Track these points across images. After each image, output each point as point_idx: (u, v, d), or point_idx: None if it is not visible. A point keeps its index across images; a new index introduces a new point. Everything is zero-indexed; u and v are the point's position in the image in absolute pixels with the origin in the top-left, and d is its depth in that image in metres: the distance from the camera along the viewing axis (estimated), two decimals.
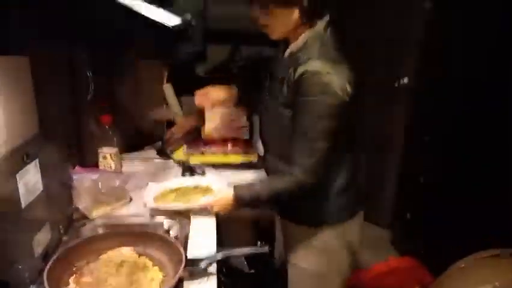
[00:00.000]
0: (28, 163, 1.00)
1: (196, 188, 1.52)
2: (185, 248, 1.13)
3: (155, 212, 1.38)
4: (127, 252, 1.13)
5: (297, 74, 1.12)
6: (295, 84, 1.13)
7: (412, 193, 2.55)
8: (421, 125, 2.47)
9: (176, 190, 1.52)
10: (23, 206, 0.96)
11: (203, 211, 1.35)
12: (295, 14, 1.13)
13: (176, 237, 1.24)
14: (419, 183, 2.43)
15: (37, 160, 1.05)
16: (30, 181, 1.00)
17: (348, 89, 1.11)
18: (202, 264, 1.03)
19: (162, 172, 1.75)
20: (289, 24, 1.16)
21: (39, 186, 1.05)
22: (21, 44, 0.97)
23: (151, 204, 1.41)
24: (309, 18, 1.15)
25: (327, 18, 1.18)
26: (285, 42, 1.24)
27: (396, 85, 2.71)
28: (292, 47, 1.20)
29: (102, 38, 1.54)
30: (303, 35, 1.18)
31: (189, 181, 1.59)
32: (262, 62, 1.61)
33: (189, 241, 1.22)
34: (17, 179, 0.94)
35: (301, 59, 1.14)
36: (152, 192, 1.49)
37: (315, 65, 1.10)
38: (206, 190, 1.49)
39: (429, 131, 2.37)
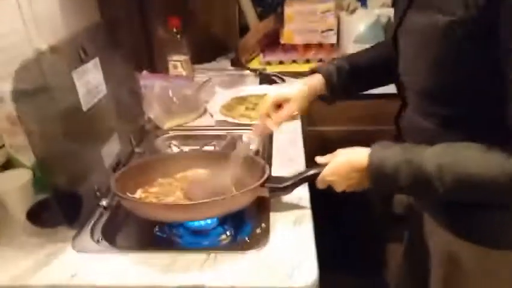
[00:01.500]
0: (87, 61, 0.84)
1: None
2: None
3: (222, 123, 1.21)
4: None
5: None
6: None
7: None
8: None
9: (248, 100, 1.33)
10: (84, 108, 0.82)
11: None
12: None
13: (257, 153, 1.06)
14: None
15: (97, 59, 0.88)
16: (90, 82, 0.85)
17: None
18: (289, 182, 0.82)
19: (237, 83, 1.54)
20: None
21: (102, 89, 0.90)
22: None
23: (219, 116, 1.23)
24: None
25: None
26: None
27: None
28: None
29: None
30: None
31: (264, 89, 1.39)
32: None
33: (273, 158, 1.03)
34: (74, 77, 0.79)
35: None
36: (222, 101, 1.31)
37: None
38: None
39: None
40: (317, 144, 1.25)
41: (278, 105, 0.87)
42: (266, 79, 1.52)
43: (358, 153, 0.71)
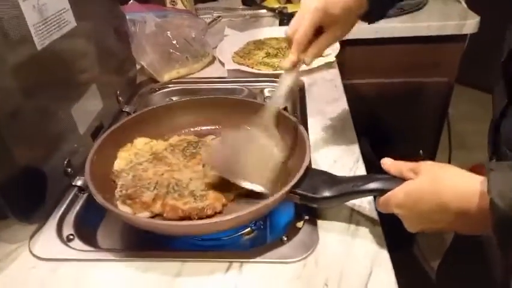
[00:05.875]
0: None
1: None
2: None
3: (236, 74, 0.94)
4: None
5: None
6: None
7: None
8: None
9: (267, 44, 1.05)
10: (38, 46, 0.55)
11: None
12: None
13: (285, 109, 0.80)
14: None
15: None
16: (46, 6, 0.57)
17: None
18: (330, 192, 0.52)
19: (252, 25, 1.24)
20: None
21: (69, 20, 0.62)
22: None
23: (232, 64, 0.96)
24: None
25: None
26: None
27: None
28: None
29: None
30: None
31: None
32: None
33: (308, 117, 0.76)
34: None
35: None
36: (235, 46, 1.04)
37: None
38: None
39: None
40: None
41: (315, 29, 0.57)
42: (289, 20, 1.21)
43: (457, 184, 0.42)
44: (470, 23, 1.18)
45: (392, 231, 0.55)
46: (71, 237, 0.54)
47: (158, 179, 0.59)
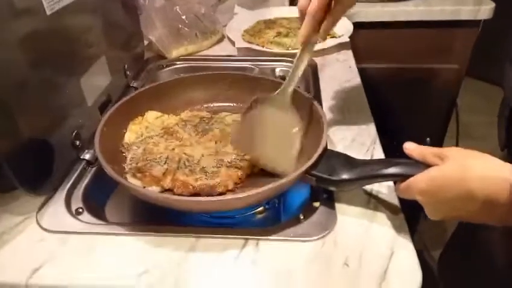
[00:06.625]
0: None
1: None
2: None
3: (246, 52, 0.92)
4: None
5: None
6: None
7: None
8: None
9: (278, 23, 1.02)
10: (47, 11, 0.52)
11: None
12: None
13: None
14: None
15: None
16: None
17: None
18: (348, 175, 0.50)
19: (262, 4, 1.21)
20: None
21: None
22: None
23: (241, 42, 0.94)
24: None
25: None
26: None
27: None
28: None
29: None
30: None
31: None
32: None
33: (322, 98, 0.74)
34: None
35: None
36: (245, 25, 1.01)
37: None
38: None
39: None
40: None
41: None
42: None
43: (487, 171, 0.40)
44: (485, 9, 1.15)
45: None
46: (80, 210, 0.53)
47: (169, 154, 0.57)
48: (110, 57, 0.71)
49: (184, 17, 0.89)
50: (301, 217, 0.50)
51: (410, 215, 0.60)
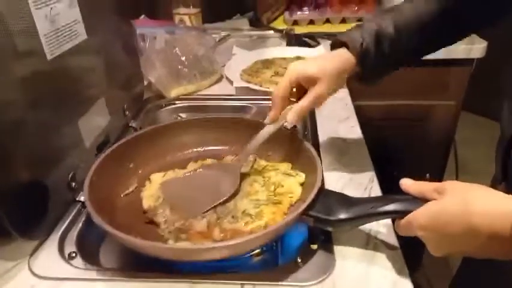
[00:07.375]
0: None
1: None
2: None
3: (244, 92, 0.93)
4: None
5: None
6: None
7: None
8: None
9: (275, 63, 1.05)
10: (48, 56, 0.54)
11: None
12: None
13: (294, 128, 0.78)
14: None
15: None
16: (59, 17, 0.56)
17: None
18: (346, 214, 0.49)
19: (259, 45, 1.25)
20: None
21: (80, 32, 0.62)
22: None
23: (240, 82, 0.96)
24: None
25: None
26: None
27: None
28: None
29: None
30: None
31: (295, 52, 1.11)
32: None
33: (320, 136, 0.75)
34: (30, 4, 0.50)
35: None
36: (243, 65, 1.03)
37: None
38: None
39: None
40: None
41: (299, 87, 0.58)
42: (296, 41, 1.22)
43: (489, 205, 0.39)
44: (478, 48, 1.18)
45: None
46: (73, 255, 0.51)
47: None
48: (110, 98, 0.73)
49: (183, 58, 0.92)
50: (299, 260, 0.49)
51: (413, 250, 0.59)
